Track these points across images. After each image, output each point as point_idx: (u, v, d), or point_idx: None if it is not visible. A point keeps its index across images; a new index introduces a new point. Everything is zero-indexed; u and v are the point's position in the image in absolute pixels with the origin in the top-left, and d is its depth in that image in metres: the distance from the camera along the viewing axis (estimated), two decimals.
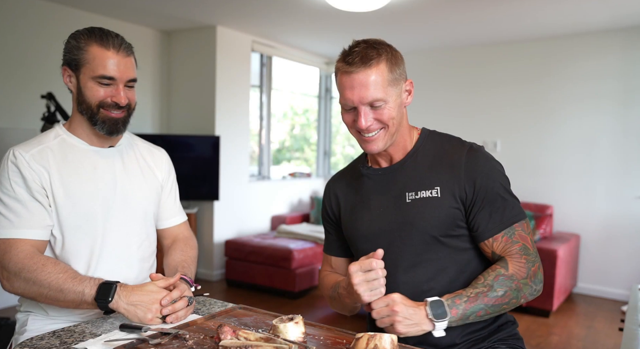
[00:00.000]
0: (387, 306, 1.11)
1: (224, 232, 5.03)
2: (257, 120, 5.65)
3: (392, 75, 1.22)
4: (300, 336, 1.04)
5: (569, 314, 4.18)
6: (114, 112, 1.33)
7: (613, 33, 4.56)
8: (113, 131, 1.35)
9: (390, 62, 1.23)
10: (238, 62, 5.05)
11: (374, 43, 1.25)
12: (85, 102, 1.31)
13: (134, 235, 1.42)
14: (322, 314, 4.10)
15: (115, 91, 1.32)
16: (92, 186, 1.34)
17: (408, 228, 1.26)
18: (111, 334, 1.10)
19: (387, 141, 1.27)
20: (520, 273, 1.18)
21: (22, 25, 3.93)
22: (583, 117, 4.72)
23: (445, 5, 3.97)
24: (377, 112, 1.22)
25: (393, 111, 1.23)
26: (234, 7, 4.18)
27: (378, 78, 1.20)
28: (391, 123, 1.24)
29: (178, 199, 1.62)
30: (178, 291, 1.23)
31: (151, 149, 1.55)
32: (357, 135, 1.28)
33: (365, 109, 1.21)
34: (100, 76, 1.29)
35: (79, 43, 1.30)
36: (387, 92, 1.21)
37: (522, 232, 1.22)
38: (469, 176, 1.23)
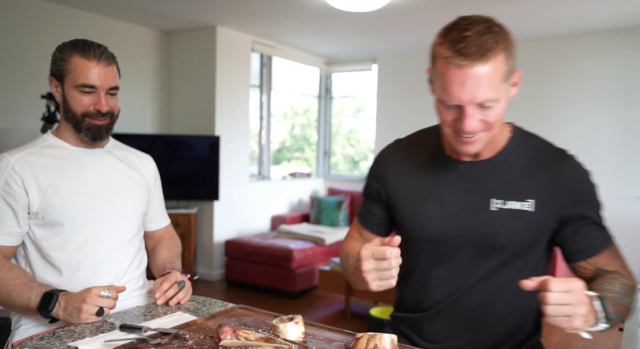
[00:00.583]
0: (570, 293, 0.90)
1: (224, 232, 5.03)
2: (257, 120, 5.65)
3: (507, 68, 1.02)
4: (300, 336, 1.04)
5: None
6: (97, 120, 1.38)
7: (613, 33, 4.56)
8: (97, 137, 1.40)
9: (507, 51, 1.02)
10: (238, 62, 5.05)
11: (490, 26, 1.04)
12: (70, 110, 1.38)
13: (126, 229, 1.47)
14: (322, 314, 4.10)
15: (97, 99, 1.37)
16: (81, 183, 1.39)
17: (488, 240, 1.13)
18: (111, 334, 1.10)
19: (486, 143, 1.10)
20: (635, 284, 1.11)
21: (22, 25, 3.93)
22: (583, 117, 4.72)
23: (445, 5, 3.97)
24: (486, 112, 1.03)
25: (502, 110, 1.05)
26: (234, 7, 4.18)
27: (494, 75, 1.00)
28: (496, 125, 1.07)
29: (163, 203, 1.70)
30: (167, 282, 1.35)
31: (138, 153, 1.61)
32: (453, 134, 1.10)
33: (473, 110, 1.03)
34: (82, 85, 1.35)
35: (62, 54, 1.37)
36: (500, 89, 1.02)
37: (616, 247, 1.18)
38: (573, 193, 1.12)
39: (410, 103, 5.70)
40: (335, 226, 5.36)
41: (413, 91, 5.67)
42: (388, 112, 5.87)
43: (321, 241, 4.77)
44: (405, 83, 5.73)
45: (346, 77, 6.53)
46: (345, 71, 6.36)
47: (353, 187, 6.09)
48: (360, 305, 4.25)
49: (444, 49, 1.02)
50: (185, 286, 1.37)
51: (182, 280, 1.37)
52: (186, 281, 1.39)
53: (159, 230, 1.67)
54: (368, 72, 6.19)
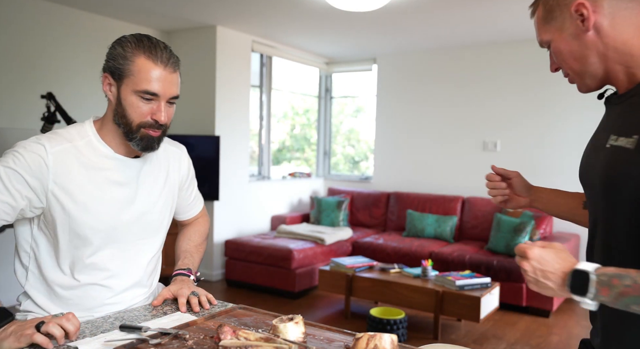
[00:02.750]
0: (542, 263, 0.90)
1: (224, 232, 5.03)
2: (257, 120, 5.65)
3: (547, 15, 1.04)
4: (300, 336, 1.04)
5: (569, 314, 4.18)
6: (153, 131, 1.26)
7: None
8: (148, 148, 1.28)
9: (542, 6, 1.06)
10: (238, 62, 5.05)
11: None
12: (125, 117, 1.24)
13: (145, 249, 1.40)
14: (322, 315, 4.10)
15: (157, 108, 1.25)
16: (109, 197, 1.28)
17: (596, 181, 1.01)
18: (111, 334, 1.09)
19: (584, 80, 1.06)
20: None
21: (22, 25, 3.93)
22: (583, 116, 4.72)
23: (445, 5, 3.97)
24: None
25: (562, 45, 1.03)
26: (234, 7, 4.18)
27: (538, 21, 1.07)
28: (565, 62, 1.04)
29: (195, 191, 1.61)
30: (182, 297, 1.32)
31: (171, 150, 1.48)
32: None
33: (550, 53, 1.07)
34: (144, 91, 1.22)
35: (125, 51, 1.22)
36: (545, 32, 1.05)
37: None
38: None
39: (410, 103, 5.70)
40: (335, 226, 5.36)
41: (413, 91, 5.67)
42: (388, 112, 5.87)
43: (321, 241, 4.77)
44: (405, 83, 5.73)
45: (346, 77, 6.53)
46: (345, 71, 6.36)
47: (353, 187, 6.09)
48: (360, 305, 4.25)
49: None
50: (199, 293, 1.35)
51: (194, 291, 1.35)
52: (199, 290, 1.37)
53: (190, 218, 1.63)
54: (368, 72, 6.19)
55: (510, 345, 3.47)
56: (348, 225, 5.52)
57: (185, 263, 1.50)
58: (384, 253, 4.72)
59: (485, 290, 3.46)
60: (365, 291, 3.82)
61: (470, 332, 3.70)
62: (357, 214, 5.71)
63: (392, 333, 1.98)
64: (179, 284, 1.38)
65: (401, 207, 5.42)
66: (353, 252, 5.02)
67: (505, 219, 4.45)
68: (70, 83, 4.26)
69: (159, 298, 1.35)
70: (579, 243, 4.74)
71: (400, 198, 5.48)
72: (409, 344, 1.11)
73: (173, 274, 1.45)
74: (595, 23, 0.97)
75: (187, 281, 1.41)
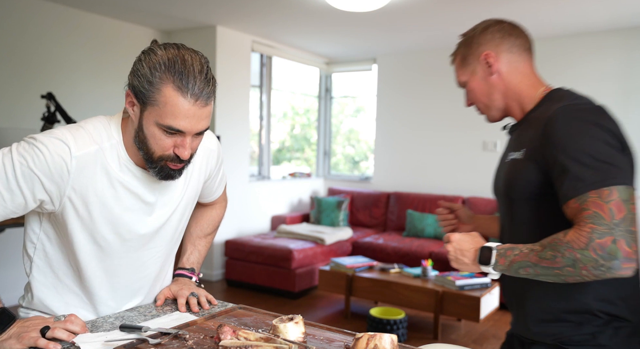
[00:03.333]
0: (460, 246, 1.22)
1: (224, 232, 5.03)
2: (257, 120, 5.65)
3: (463, 61, 1.38)
4: (300, 336, 1.04)
5: None
6: (173, 165, 1.14)
7: (613, 33, 4.56)
8: (168, 178, 1.17)
9: (460, 55, 1.38)
10: (238, 62, 5.05)
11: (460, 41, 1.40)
12: (146, 145, 1.12)
13: (157, 257, 1.34)
14: (322, 314, 4.10)
15: (181, 143, 1.11)
16: (127, 209, 1.20)
17: (501, 188, 1.32)
18: (111, 334, 1.09)
19: (491, 113, 1.38)
20: (578, 240, 1.03)
21: (22, 25, 3.93)
22: None
23: (444, 6, 3.97)
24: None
25: (474, 85, 1.36)
26: (234, 7, 4.18)
27: (457, 66, 1.40)
28: (477, 98, 1.37)
29: (221, 174, 1.49)
30: (182, 298, 1.32)
31: (203, 147, 1.33)
32: None
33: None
34: (167, 126, 1.07)
35: (152, 75, 1.06)
36: (462, 74, 1.38)
37: (600, 199, 1.04)
38: (546, 139, 1.14)
39: (410, 103, 5.70)
40: (335, 226, 5.36)
41: (413, 91, 5.67)
42: (388, 112, 5.87)
43: (321, 241, 4.77)
44: (405, 83, 5.73)
45: (346, 77, 6.53)
46: (345, 71, 6.36)
47: (353, 187, 6.09)
48: (360, 305, 4.25)
49: None
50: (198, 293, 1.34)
51: (194, 291, 1.34)
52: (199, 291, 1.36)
53: (210, 202, 1.56)
54: (368, 72, 6.19)
55: None
56: (348, 225, 5.52)
57: (191, 261, 1.48)
58: (384, 253, 4.72)
59: (485, 290, 3.46)
60: (365, 291, 3.82)
61: (470, 332, 3.70)
62: (357, 214, 5.71)
63: (392, 333, 1.98)
64: (180, 284, 1.39)
65: (401, 207, 5.42)
66: (353, 252, 5.02)
67: None
68: (70, 83, 4.26)
69: (160, 296, 1.35)
70: None
71: (400, 198, 5.48)
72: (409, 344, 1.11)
73: (176, 273, 1.45)
74: (497, 69, 1.31)
75: (188, 282, 1.41)
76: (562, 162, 1.10)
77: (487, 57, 1.31)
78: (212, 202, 1.57)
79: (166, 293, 1.36)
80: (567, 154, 1.09)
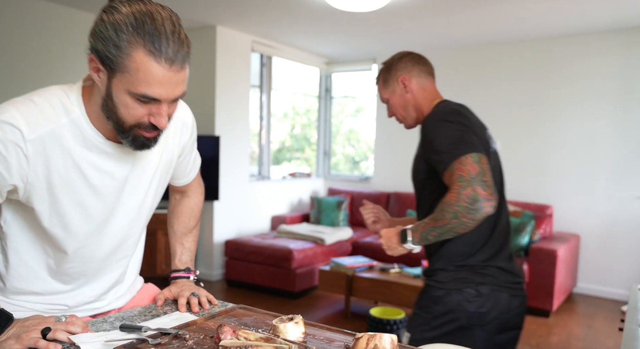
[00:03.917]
0: (386, 237, 1.61)
1: (224, 232, 5.03)
2: (257, 120, 5.65)
3: (385, 83, 1.80)
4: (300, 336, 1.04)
5: (569, 314, 4.18)
6: (148, 132, 1.04)
7: (613, 33, 4.56)
8: (143, 148, 1.07)
9: (382, 78, 1.81)
10: (238, 62, 5.05)
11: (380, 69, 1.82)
12: (116, 114, 1.01)
13: (132, 235, 1.29)
14: (322, 314, 4.10)
15: (156, 111, 1.01)
16: (96, 189, 1.12)
17: (412, 177, 1.78)
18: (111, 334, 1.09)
19: (407, 122, 1.81)
20: (451, 198, 1.43)
21: (22, 25, 3.93)
22: (583, 117, 4.72)
23: (444, 6, 3.97)
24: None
25: (394, 101, 1.80)
26: (234, 7, 4.18)
27: (380, 86, 1.84)
28: (397, 111, 1.80)
29: (194, 153, 1.41)
30: (182, 298, 1.30)
31: (172, 119, 1.17)
32: None
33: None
34: (141, 94, 0.97)
35: (119, 39, 0.93)
36: (385, 93, 1.82)
37: (460, 165, 1.45)
38: (422, 137, 1.63)
39: None
40: (335, 226, 5.36)
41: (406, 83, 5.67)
42: None
43: (321, 241, 4.77)
44: None
45: (346, 77, 6.53)
46: (345, 71, 6.36)
47: (353, 187, 6.09)
48: (360, 305, 4.25)
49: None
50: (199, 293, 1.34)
51: (195, 291, 1.33)
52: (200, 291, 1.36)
53: (185, 185, 1.46)
54: (368, 72, 6.19)
55: None
56: (348, 225, 5.52)
57: (183, 261, 1.46)
58: (384, 253, 4.72)
59: None
60: (365, 291, 3.82)
61: None
62: (357, 214, 5.71)
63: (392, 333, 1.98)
64: (180, 286, 1.38)
65: (401, 207, 5.42)
66: (353, 252, 5.02)
67: None
68: (71, 83, 4.25)
69: (160, 297, 1.35)
70: (579, 244, 4.75)
71: (400, 198, 5.48)
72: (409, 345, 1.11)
73: (172, 276, 1.43)
74: (411, 89, 1.75)
75: (188, 283, 1.40)
76: (432, 150, 1.55)
77: (404, 80, 1.75)
78: (187, 188, 1.48)
79: (166, 294, 1.36)
80: (433, 144, 1.55)
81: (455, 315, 1.58)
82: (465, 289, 1.58)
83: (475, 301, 1.57)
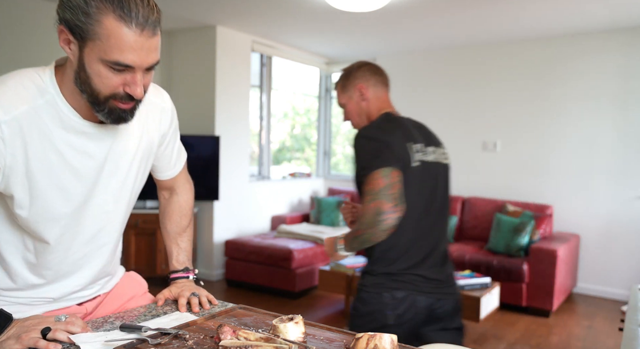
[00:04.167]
0: (326, 244, 1.82)
1: (224, 232, 5.03)
2: (257, 120, 5.65)
3: (343, 89, 1.91)
4: (300, 336, 1.04)
5: (569, 314, 4.18)
6: (124, 103, 1.03)
7: (613, 33, 4.56)
8: (120, 121, 1.06)
9: (341, 84, 1.91)
10: (238, 62, 5.05)
11: (341, 75, 1.92)
12: (90, 86, 1.00)
13: (114, 219, 1.24)
14: (322, 315, 4.10)
15: (131, 79, 1.00)
16: (75, 171, 1.09)
17: None
18: (111, 334, 1.09)
19: (358, 128, 1.88)
20: (362, 210, 1.62)
21: (22, 25, 3.93)
22: (583, 117, 4.72)
23: (444, 6, 3.97)
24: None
25: (350, 107, 1.91)
26: (234, 7, 4.18)
27: (338, 91, 1.94)
28: (352, 116, 1.91)
29: (177, 144, 1.40)
30: (183, 298, 1.31)
31: (151, 101, 1.23)
32: None
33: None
34: (114, 62, 0.96)
35: (88, 6, 0.93)
36: (342, 98, 1.93)
37: (371, 179, 1.61)
38: (352, 147, 1.78)
39: (409, 103, 5.69)
40: (335, 226, 5.36)
41: (413, 91, 5.67)
42: None
43: (321, 241, 4.77)
44: (405, 84, 5.73)
45: None
46: None
47: (353, 187, 6.08)
48: None
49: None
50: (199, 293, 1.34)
51: (195, 292, 1.33)
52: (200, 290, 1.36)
53: (171, 179, 1.43)
54: None
55: (510, 345, 3.47)
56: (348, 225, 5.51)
57: (180, 261, 1.44)
58: None
59: (485, 290, 3.46)
60: None
61: (470, 332, 3.70)
62: None
63: None
64: (180, 286, 1.38)
65: None
66: None
67: (505, 219, 4.45)
68: None
69: (161, 297, 1.35)
70: (579, 244, 4.75)
71: None
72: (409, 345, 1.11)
73: (171, 277, 1.42)
74: (367, 97, 1.85)
75: (188, 283, 1.40)
76: (356, 165, 1.71)
77: (361, 89, 1.85)
78: (174, 184, 1.46)
79: (167, 295, 1.36)
80: (356, 161, 1.71)
81: (375, 316, 1.72)
82: (383, 293, 1.70)
83: (391, 304, 1.69)
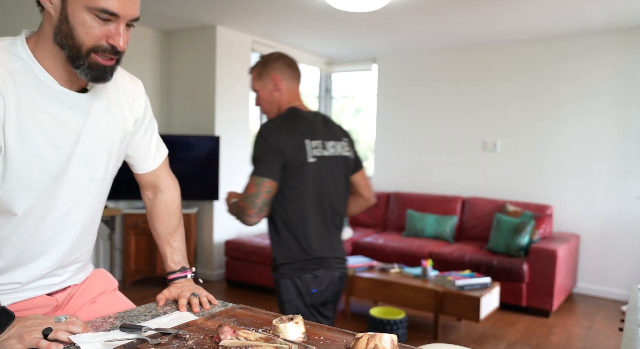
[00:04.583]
0: None
1: (224, 232, 5.03)
2: (257, 120, 5.65)
3: (259, 75, 1.99)
4: (300, 336, 1.04)
5: (569, 314, 4.18)
6: (105, 58, 1.04)
7: (613, 33, 4.56)
8: (99, 79, 1.06)
9: (257, 71, 1.99)
10: (238, 62, 5.05)
11: (258, 61, 2.00)
12: (73, 38, 1.00)
13: (86, 196, 1.21)
14: None
15: (115, 30, 1.02)
16: (49, 139, 1.08)
17: None
18: (111, 334, 1.10)
19: (269, 115, 2.02)
20: (236, 205, 1.92)
21: (22, 25, 3.93)
22: (583, 117, 4.72)
23: (445, 6, 3.97)
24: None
25: (263, 94, 2.01)
26: (234, 7, 4.18)
27: (253, 77, 2.03)
28: (263, 103, 2.02)
29: (155, 136, 1.39)
30: (183, 299, 1.31)
31: (124, 84, 1.26)
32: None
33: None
34: (100, 9, 0.98)
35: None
36: (256, 84, 2.01)
37: (249, 181, 1.85)
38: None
39: (410, 103, 5.70)
40: None
41: (413, 91, 5.67)
42: (388, 112, 5.87)
43: None
44: (405, 83, 5.73)
45: (346, 77, 6.53)
46: (345, 71, 6.36)
47: None
48: (360, 305, 4.25)
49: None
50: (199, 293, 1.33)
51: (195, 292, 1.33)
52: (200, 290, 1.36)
53: (151, 172, 1.41)
54: (368, 72, 6.19)
55: (510, 345, 3.47)
56: (348, 225, 5.52)
57: (176, 261, 1.43)
58: (384, 253, 4.72)
59: (485, 290, 3.46)
60: (365, 291, 3.82)
61: (470, 332, 3.70)
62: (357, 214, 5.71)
63: (392, 333, 1.98)
64: (180, 287, 1.37)
65: (401, 207, 5.42)
66: (353, 252, 5.02)
67: (505, 219, 4.45)
68: None
69: (161, 297, 1.35)
70: (579, 244, 4.75)
71: (400, 198, 5.48)
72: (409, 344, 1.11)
73: (169, 278, 1.41)
74: (280, 88, 1.97)
75: (187, 283, 1.40)
76: (252, 157, 1.89)
77: (276, 80, 1.95)
78: (157, 180, 1.43)
79: (167, 295, 1.35)
80: (252, 154, 1.89)
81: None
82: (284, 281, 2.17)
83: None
